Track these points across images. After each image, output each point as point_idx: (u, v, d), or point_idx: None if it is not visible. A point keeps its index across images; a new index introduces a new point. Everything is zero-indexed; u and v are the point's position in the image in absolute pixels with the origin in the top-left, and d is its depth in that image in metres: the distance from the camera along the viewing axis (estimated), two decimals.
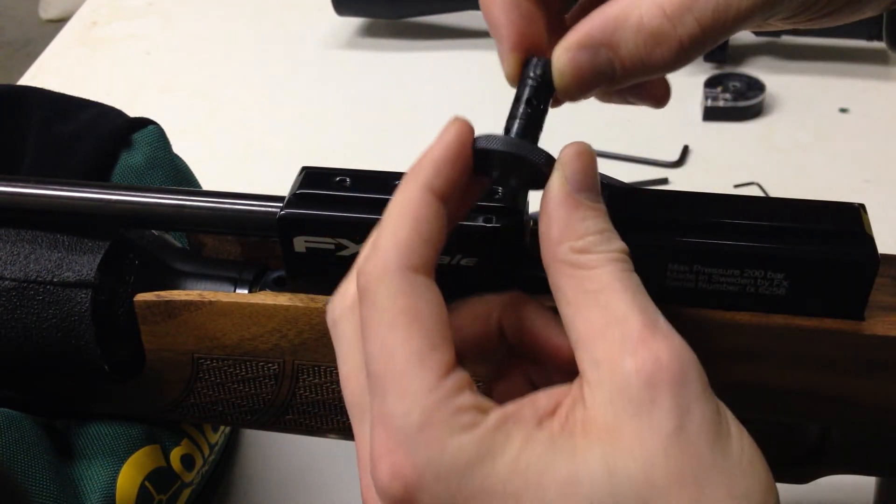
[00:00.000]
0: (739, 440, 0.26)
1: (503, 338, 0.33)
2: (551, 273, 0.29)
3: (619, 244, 0.29)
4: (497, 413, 0.27)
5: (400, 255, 0.28)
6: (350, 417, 0.30)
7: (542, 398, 0.28)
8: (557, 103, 0.33)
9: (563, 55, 0.31)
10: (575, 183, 0.29)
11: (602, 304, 0.27)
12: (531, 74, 0.32)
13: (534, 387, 0.32)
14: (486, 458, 0.26)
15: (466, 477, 0.26)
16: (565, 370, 0.30)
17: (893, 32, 0.38)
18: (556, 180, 0.29)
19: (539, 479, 0.25)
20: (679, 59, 0.30)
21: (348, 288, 0.31)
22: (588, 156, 0.30)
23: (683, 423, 0.26)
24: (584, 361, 0.27)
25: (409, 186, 0.29)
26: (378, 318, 0.28)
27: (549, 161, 0.31)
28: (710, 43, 0.30)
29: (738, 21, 0.30)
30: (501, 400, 0.28)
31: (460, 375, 0.27)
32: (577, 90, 0.31)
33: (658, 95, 0.36)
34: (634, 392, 0.26)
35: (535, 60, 0.32)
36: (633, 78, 0.31)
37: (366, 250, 0.30)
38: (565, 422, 0.27)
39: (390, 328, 0.27)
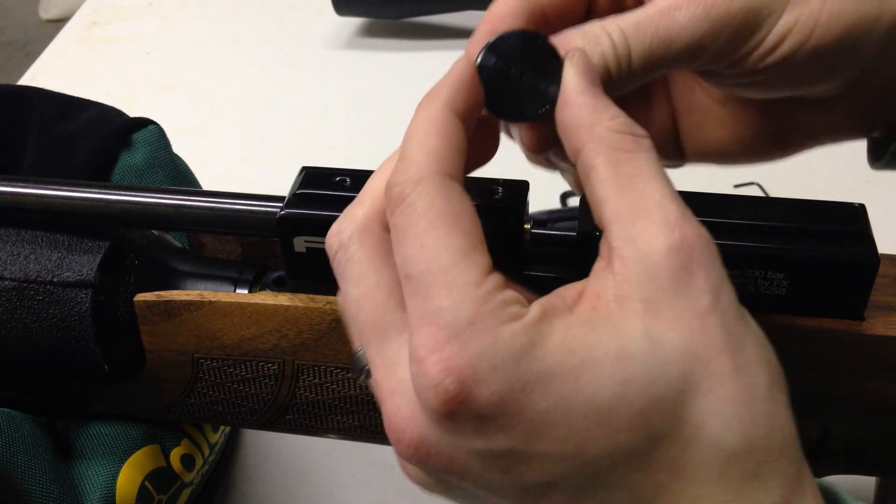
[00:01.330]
0: (750, 319, 0.29)
1: None
2: (585, 154, 0.29)
3: (643, 129, 0.30)
4: (537, 304, 0.27)
5: (434, 161, 0.29)
6: (364, 342, 0.30)
7: (564, 290, 0.29)
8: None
9: None
10: (590, 77, 0.31)
11: (639, 188, 0.28)
12: None
13: None
14: (538, 344, 0.26)
15: (522, 364, 0.26)
16: None
17: (875, 153, 0.39)
18: (572, 74, 0.30)
19: (592, 356, 0.26)
20: (617, 65, 0.32)
21: (356, 211, 0.31)
22: (588, 57, 0.31)
23: (717, 299, 0.27)
24: (618, 238, 0.28)
25: (431, 105, 0.30)
26: (417, 220, 0.28)
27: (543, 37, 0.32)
28: (639, 56, 0.33)
29: (657, 45, 0.32)
30: None
31: (499, 275, 0.28)
32: None
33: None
34: (672, 270, 0.27)
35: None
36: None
37: (396, 167, 0.30)
38: (596, 302, 0.28)
39: (431, 228, 0.28)
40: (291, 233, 0.37)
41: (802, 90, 0.36)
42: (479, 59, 0.31)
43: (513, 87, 0.31)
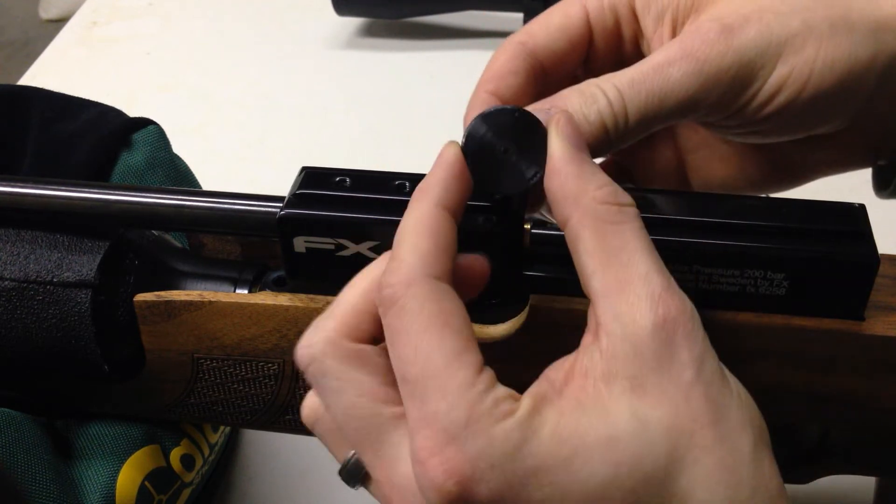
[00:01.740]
0: (733, 380, 0.30)
1: None
2: (572, 224, 0.30)
3: (629, 197, 0.30)
4: (528, 397, 0.28)
5: (424, 264, 0.29)
6: (358, 448, 0.31)
7: (553, 372, 0.30)
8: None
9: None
10: (576, 143, 0.31)
11: (625, 261, 0.29)
12: None
13: None
14: (531, 438, 0.27)
15: (517, 459, 0.27)
16: None
17: (880, 181, 0.39)
18: (557, 142, 0.31)
19: (583, 442, 0.27)
20: (614, 122, 0.33)
21: (326, 324, 0.31)
22: (574, 120, 0.32)
23: (700, 371, 0.28)
24: (605, 314, 0.29)
25: (421, 205, 0.31)
26: (409, 323, 0.29)
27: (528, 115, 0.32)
28: (635, 113, 0.33)
29: (651, 101, 0.33)
30: None
31: (489, 372, 0.29)
32: None
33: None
34: (656, 347, 0.28)
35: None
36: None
37: (378, 266, 0.31)
38: (584, 383, 0.29)
39: (424, 332, 0.28)
40: (291, 233, 0.37)
41: (802, 134, 0.36)
42: (463, 145, 0.32)
43: (500, 164, 0.32)
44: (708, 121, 0.36)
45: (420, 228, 0.30)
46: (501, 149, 0.32)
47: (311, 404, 0.33)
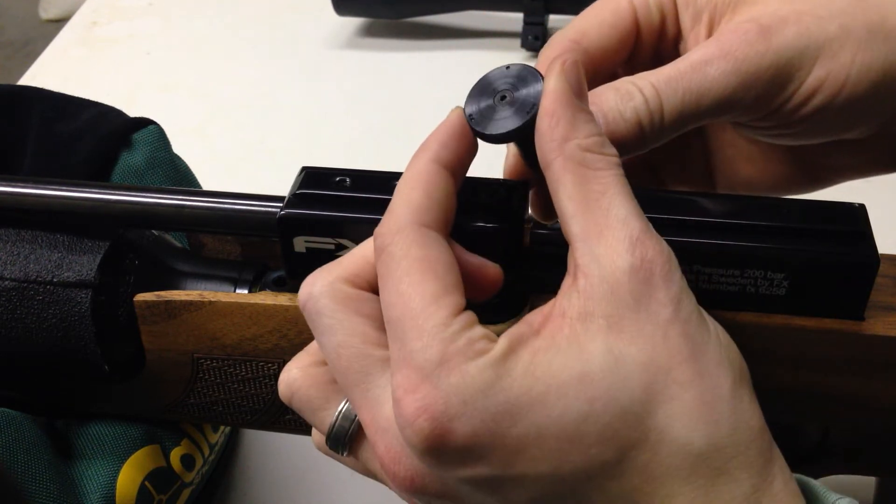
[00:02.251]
0: (712, 322, 0.30)
1: None
2: (554, 168, 0.30)
3: (614, 149, 0.31)
4: (504, 337, 0.29)
5: (412, 213, 0.30)
6: (347, 387, 0.31)
7: (532, 315, 0.30)
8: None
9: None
10: (575, 87, 0.31)
11: (605, 206, 0.29)
12: None
13: None
14: (504, 376, 0.28)
15: (489, 395, 0.28)
16: None
17: None
18: (558, 82, 0.31)
19: (556, 380, 0.28)
20: (650, 120, 0.33)
21: (332, 268, 0.32)
22: (580, 67, 0.31)
23: (677, 310, 0.29)
24: (583, 255, 0.29)
25: (417, 161, 0.32)
26: (394, 267, 0.30)
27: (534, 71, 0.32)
28: (671, 112, 0.33)
29: (689, 100, 0.33)
30: None
31: (469, 314, 0.29)
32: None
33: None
34: (633, 286, 0.28)
35: None
36: (615, 136, 0.33)
37: (382, 220, 0.32)
38: (561, 322, 0.29)
39: (406, 275, 0.29)
40: (291, 233, 0.37)
41: (832, 137, 0.36)
42: (465, 108, 0.32)
43: (498, 110, 0.32)
44: (741, 121, 0.36)
45: (413, 182, 0.31)
46: (499, 98, 0.32)
47: (286, 379, 0.34)
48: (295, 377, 0.33)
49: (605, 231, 0.29)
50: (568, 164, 0.30)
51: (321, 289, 0.31)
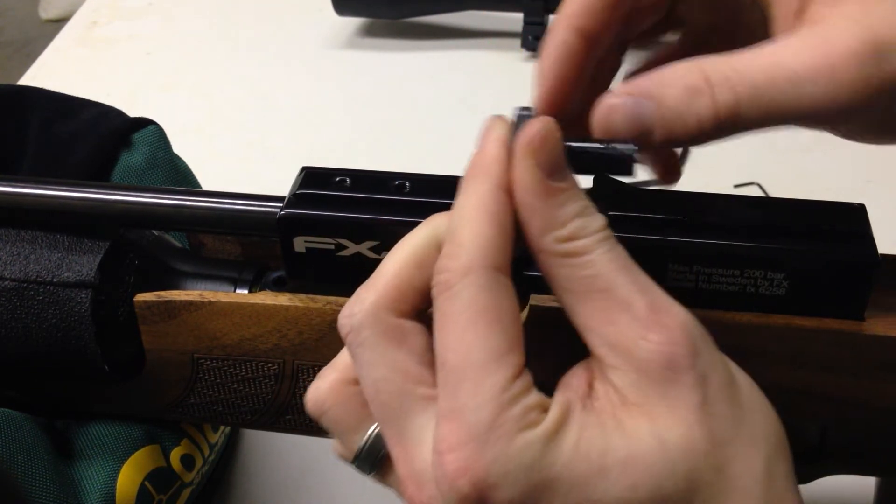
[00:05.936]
0: (745, 386, 0.29)
1: None
2: (541, 263, 0.29)
3: (601, 220, 0.29)
4: (556, 409, 0.28)
5: (485, 254, 0.28)
6: (381, 423, 0.30)
7: (573, 380, 0.30)
8: None
9: (602, 101, 0.31)
10: (547, 168, 0.29)
11: (602, 289, 0.28)
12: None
13: None
14: (550, 452, 0.27)
15: (533, 470, 0.27)
16: None
17: None
18: (526, 170, 0.29)
19: (601, 461, 0.27)
20: (714, 126, 0.30)
21: (366, 297, 0.30)
22: (554, 137, 0.29)
23: (706, 392, 0.28)
24: (598, 346, 0.29)
25: (482, 185, 0.29)
26: (460, 311, 0.28)
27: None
28: (744, 121, 0.30)
29: (773, 113, 0.30)
30: None
31: (527, 377, 0.28)
32: (603, 132, 0.32)
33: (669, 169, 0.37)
34: (656, 374, 0.28)
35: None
36: (669, 136, 0.31)
37: (418, 234, 0.31)
38: (606, 401, 0.28)
39: (471, 323, 0.28)
40: (291, 233, 0.37)
41: None
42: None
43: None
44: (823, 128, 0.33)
45: (482, 213, 0.29)
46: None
47: (316, 397, 0.32)
48: (325, 397, 0.32)
49: (612, 316, 0.28)
50: (550, 258, 0.29)
51: (362, 319, 0.30)
